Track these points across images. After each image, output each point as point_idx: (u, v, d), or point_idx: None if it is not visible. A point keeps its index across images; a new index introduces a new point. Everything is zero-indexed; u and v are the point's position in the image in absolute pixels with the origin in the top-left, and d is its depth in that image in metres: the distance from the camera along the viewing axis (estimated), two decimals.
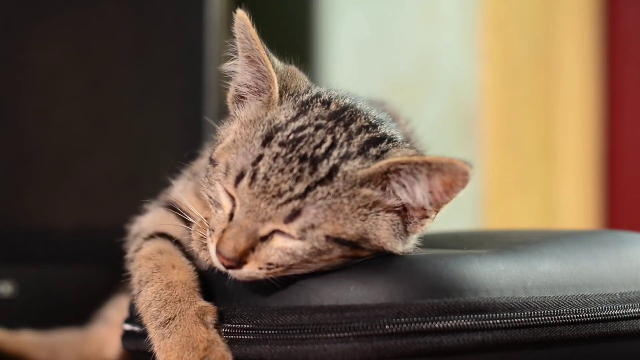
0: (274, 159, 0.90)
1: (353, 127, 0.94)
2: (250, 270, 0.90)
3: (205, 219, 0.97)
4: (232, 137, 0.95)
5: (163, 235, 1.03)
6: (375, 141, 0.93)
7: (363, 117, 0.96)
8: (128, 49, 1.69)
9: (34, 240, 1.63)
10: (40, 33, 1.65)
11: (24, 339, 1.41)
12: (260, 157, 0.90)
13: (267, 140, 0.91)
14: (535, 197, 2.44)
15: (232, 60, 1.00)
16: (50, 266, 1.61)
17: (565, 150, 2.46)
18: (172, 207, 1.05)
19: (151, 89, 1.68)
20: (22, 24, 1.65)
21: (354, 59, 2.36)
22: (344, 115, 0.95)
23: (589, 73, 2.53)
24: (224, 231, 0.90)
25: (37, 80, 1.66)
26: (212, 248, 0.91)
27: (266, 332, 0.91)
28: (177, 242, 1.02)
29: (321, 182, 0.89)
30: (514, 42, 2.40)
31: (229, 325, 0.93)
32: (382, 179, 0.91)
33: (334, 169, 0.90)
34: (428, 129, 2.30)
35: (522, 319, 0.91)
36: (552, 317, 0.93)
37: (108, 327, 1.38)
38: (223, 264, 0.90)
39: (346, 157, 0.91)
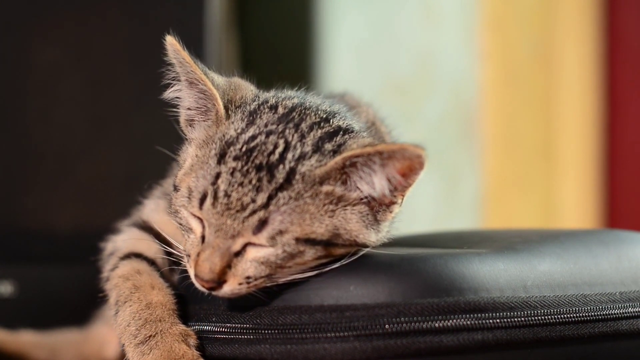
0: (232, 174, 0.90)
1: (304, 126, 0.93)
2: (232, 287, 0.90)
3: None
4: (190, 161, 0.96)
5: (139, 256, 1.03)
6: (330, 135, 0.93)
7: (313, 113, 0.96)
8: (128, 49, 1.69)
9: (34, 240, 1.63)
10: (40, 33, 1.66)
11: (24, 339, 1.41)
12: (218, 175, 0.90)
13: (221, 157, 0.91)
14: (535, 197, 2.44)
15: (173, 86, 0.99)
16: (50, 266, 1.62)
17: (565, 150, 2.46)
18: (146, 227, 1.06)
19: (151, 89, 1.68)
20: (22, 24, 1.65)
21: (353, 59, 2.36)
22: (292, 116, 0.95)
23: (589, 73, 2.53)
24: (198, 254, 0.90)
25: (37, 80, 1.66)
26: (191, 273, 0.92)
27: (266, 331, 0.91)
28: (152, 263, 1.02)
29: (281, 187, 0.89)
30: (514, 42, 2.40)
31: (229, 324, 0.93)
32: (341, 173, 0.91)
33: (291, 173, 0.90)
34: (428, 129, 2.32)
35: (522, 318, 0.91)
36: (552, 317, 0.92)
37: (108, 327, 1.38)
38: (204, 287, 0.91)
39: (301, 157, 0.90)
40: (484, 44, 2.34)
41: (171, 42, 0.96)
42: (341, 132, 0.94)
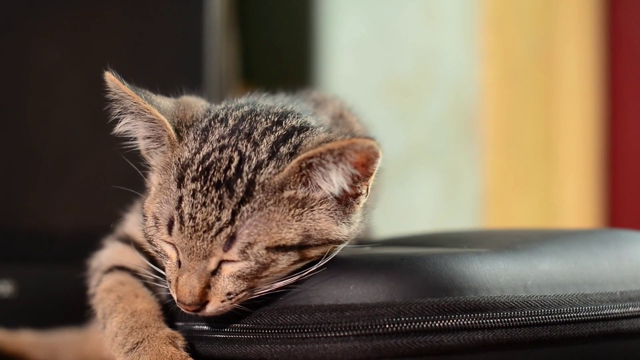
0: (193, 196, 0.89)
1: (255, 134, 0.93)
2: (215, 306, 0.90)
3: None
4: (154, 189, 0.96)
5: (121, 268, 1.04)
6: (284, 138, 0.92)
7: (264, 119, 0.95)
8: (128, 49, 1.69)
9: (34, 240, 1.63)
10: (40, 33, 1.66)
11: (24, 339, 1.41)
12: (180, 199, 0.90)
13: (180, 181, 0.91)
14: (535, 197, 2.44)
15: (121, 121, 0.99)
16: (50, 266, 1.61)
17: (565, 150, 2.46)
18: (129, 241, 1.06)
19: (151, 89, 1.68)
20: (22, 24, 1.65)
21: (354, 59, 2.36)
22: (243, 126, 0.94)
23: (589, 72, 2.53)
24: (177, 279, 0.90)
25: (37, 80, 1.66)
26: (174, 297, 0.92)
27: (266, 331, 0.91)
28: (136, 273, 1.02)
29: (242, 201, 0.88)
30: (514, 41, 2.40)
31: (229, 324, 0.93)
32: (300, 176, 0.90)
33: (250, 185, 0.89)
34: (428, 129, 2.31)
35: (523, 318, 0.91)
36: (553, 316, 0.92)
37: None
38: (188, 310, 0.91)
39: (258, 167, 0.90)
40: (484, 43, 2.34)
41: (110, 79, 0.96)
42: (295, 132, 0.93)
